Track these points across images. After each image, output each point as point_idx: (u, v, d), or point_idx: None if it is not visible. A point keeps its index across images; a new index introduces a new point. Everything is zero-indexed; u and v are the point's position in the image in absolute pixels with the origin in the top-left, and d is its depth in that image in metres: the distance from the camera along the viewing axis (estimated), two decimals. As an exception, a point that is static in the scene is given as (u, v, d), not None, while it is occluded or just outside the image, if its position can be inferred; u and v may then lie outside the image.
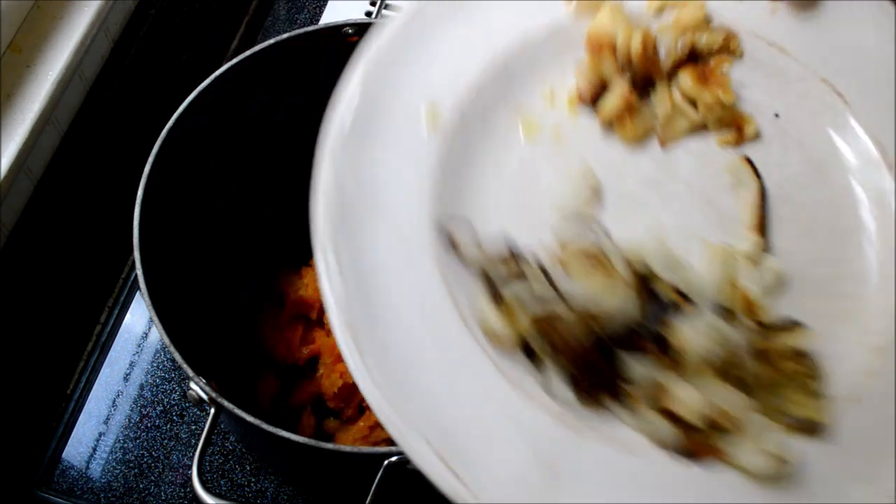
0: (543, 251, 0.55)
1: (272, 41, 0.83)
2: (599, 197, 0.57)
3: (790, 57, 0.60)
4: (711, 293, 0.54)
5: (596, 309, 0.52)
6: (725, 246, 0.55)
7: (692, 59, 0.60)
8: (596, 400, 0.51)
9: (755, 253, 0.56)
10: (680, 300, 0.53)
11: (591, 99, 0.59)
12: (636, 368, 0.51)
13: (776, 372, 0.52)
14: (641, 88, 0.59)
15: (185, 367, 0.69)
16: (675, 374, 0.51)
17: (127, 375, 0.99)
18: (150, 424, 0.96)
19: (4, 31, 0.88)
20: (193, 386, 0.69)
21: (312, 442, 0.67)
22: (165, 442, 0.95)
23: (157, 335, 1.01)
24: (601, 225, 0.56)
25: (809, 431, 0.51)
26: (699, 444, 0.50)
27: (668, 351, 0.52)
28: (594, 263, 0.53)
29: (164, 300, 0.72)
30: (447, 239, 0.54)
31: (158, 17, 1.06)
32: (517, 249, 0.55)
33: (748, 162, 0.58)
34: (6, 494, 0.92)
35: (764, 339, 0.52)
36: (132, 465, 0.94)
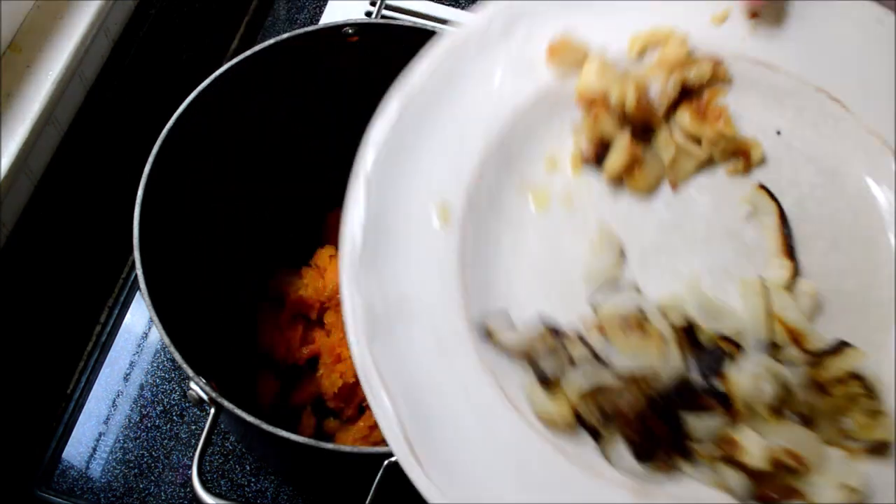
0: (582, 323, 0.54)
1: (272, 41, 0.83)
2: (624, 255, 0.57)
3: (779, 72, 0.60)
4: (755, 331, 0.53)
5: (641, 372, 0.51)
6: (758, 279, 0.55)
7: (685, 94, 0.59)
8: (662, 462, 0.51)
9: (788, 279, 0.55)
10: (726, 345, 0.52)
11: (594, 158, 0.58)
12: (695, 423, 0.51)
13: (834, 399, 0.51)
14: (642, 136, 0.59)
15: (185, 367, 0.69)
16: (734, 422, 0.51)
17: (127, 375, 0.99)
18: (150, 424, 0.96)
19: (4, 31, 0.88)
20: (193, 386, 0.69)
21: (312, 442, 0.67)
22: (165, 442, 0.95)
23: (157, 335, 1.01)
24: (632, 284, 0.55)
25: (879, 452, 0.50)
26: (774, 488, 0.49)
27: (723, 400, 0.51)
28: (632, 326, 0.52)
29: (164, 300, 0.72)
30: (483, 331, 0.53)
31: (158, 17, 1.06)
32: (555, 327, 0.54)
33: (762, 188, 0.58)
34: (6, 494, 0.92)
35: (816, 368, 0.52)
36: (132, 465, 0.94)
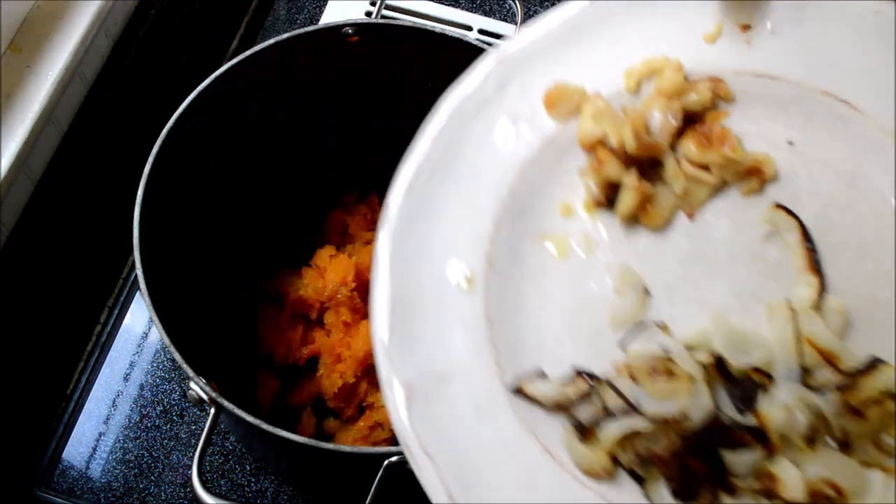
0: (615, 371, 0.54)
1: (272, 41, 0.83)
2: (648, 293, 0.56)
3: (781, 81, 0.59)
4: (785, 359, 0.52)
5: (672, 414, 0.51)
6: (784, 302, 0.54)
7: (688, 121, 0.58)
8: (707, 500, 0.50)
9: (816, 297, 0.54)
10: (757, 377, 0.52)
11: (606, 201, 0.58)
12: (733, 459, 0.50)
13: (870, 420, 0.50)
14: (649, 170, 0.58)
15: (185, 367, 0.69)
16: (771, 454, 0.50)
17: (127, 375, 0.99)
18: (150, 424, 0.96)
19: (4, 31, 0.88)
20: (193, 386, 0.69)
21: (312, 442, 0.67)
22: (165, 442, 0.95)
23: (157, 335, 1.01)
24: (659, 323, 0.55)
25: None
26: None
27: (758, 435, 0.50)
28: (659, 371, 0.52)
29: (164, 300, 0.72)
30: (516, 386, 0.54)
31: (158, 17, 1.06)
32: (586, 374, 0.54)
33: (779, 207, 0.57)
34: (6, 494, 0.92)
35: (850, 390, 0.51)
36: (132, 465, 0.94)
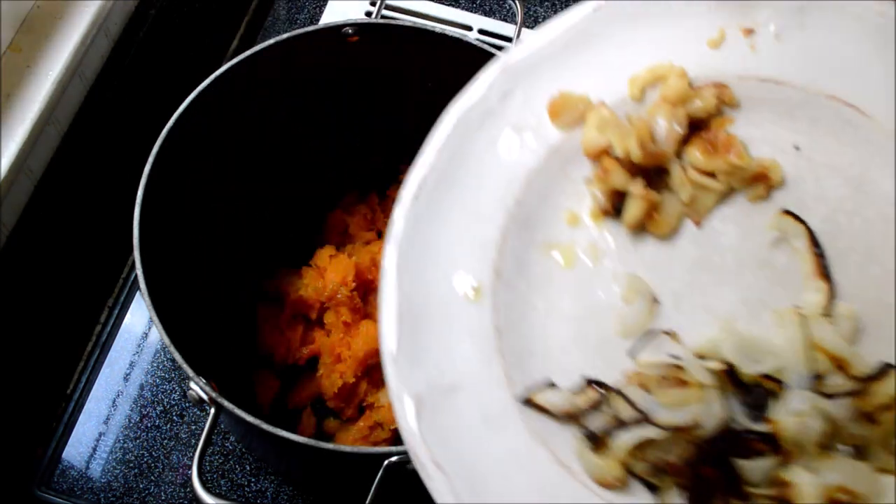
0: (625, 380, 0.53)
1: (272, 41, 0.83)
2: (657, 301, 0.56)
3: (786, 86, 0.58)
4: (796, 365, 0.52)
5: (684, 422, 0.51)
6: (794, 309, 0.54)
7: (693, 128, 0.58)
8: None
9: (825, 303, 0.54)
10: (768, 384, 0.52)
11: (613, 210, 0.57)
12: (748, 468, 0.50)
13: (883, 426, 0.50)
14: (655, 178, 0.58)
15: (185, 367, 0.69)
16: (785, 462, 0.50)
17: (127, 375, 0.99)
18: (150, 424, 0.96)
19: (4, 31, 0.88)
20: (193, 386, 0.69)
21: (312, 442, 0.67)
22: (165, 442, 0.95)
23: (157, 335, 1.01)
24: (668, 331, 0.55)
25: None
26: None
27: (771, 442, 0.50)
28: (670, 380, 0.52)
29: (164, 300, 0.72)
30: (525, 397, 0.53)
31: (158, 17, 1.06)
32: (597, 383, 0.54)
33: (787, 213, 0.56)
34: (6, 494, 0.92)
35: (862, 396, 0.51)
36: (132, 465, 0.94)
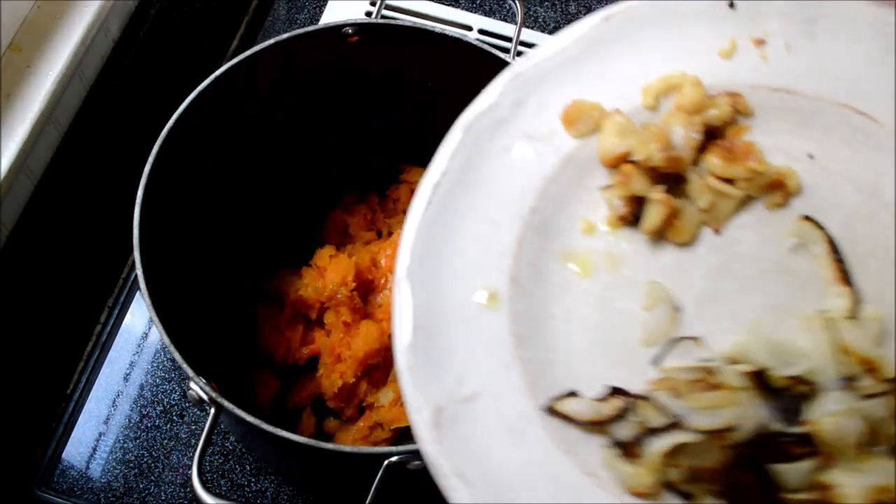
0: (652, 388, 0.53)
1: (272, 41, 0.83)
2: (678, 309, 0.55)
3: (798, 95, 0.58)
4: (828, 368, 0.52)
5: (720, 426, 0.50)
6: (820, 313, 0.53)
7: (710, 136, 0.58)
8: None
9: (851, 307, 0.54)
10: (801, 387, 0.51)
11: (632, 218, 0.57)
12: (786, 473, 0.49)
13: None
14: (673, 185, 0.57)
15: (185, 367, 0.69)
16: (824, 465, 0.50)
17: (127, 375, 0.99)
18: (150, 424, 0.96)
19: (4, 31, 0.88)
20: (193, 386, 0.69)
21: (312, 442, 0.67)
22: (165, 442, 0.95)
23: (157, 335, 1.01)
24: (693, 338, 0.54)
25: None
26: None
27: (810, 445, 0.50)
28: (702, 383, 0.51)
29: (164, 300, 0.72)
30: (548, 406, 0.53)
31: (158, 17, 1.06)
32: (622, 391, 0.53)
33: (806, 219, 0.56)
34: (6, 494, 0.92)
35: (893, 397, 0.50)
36: (132, 465, 0.94)
